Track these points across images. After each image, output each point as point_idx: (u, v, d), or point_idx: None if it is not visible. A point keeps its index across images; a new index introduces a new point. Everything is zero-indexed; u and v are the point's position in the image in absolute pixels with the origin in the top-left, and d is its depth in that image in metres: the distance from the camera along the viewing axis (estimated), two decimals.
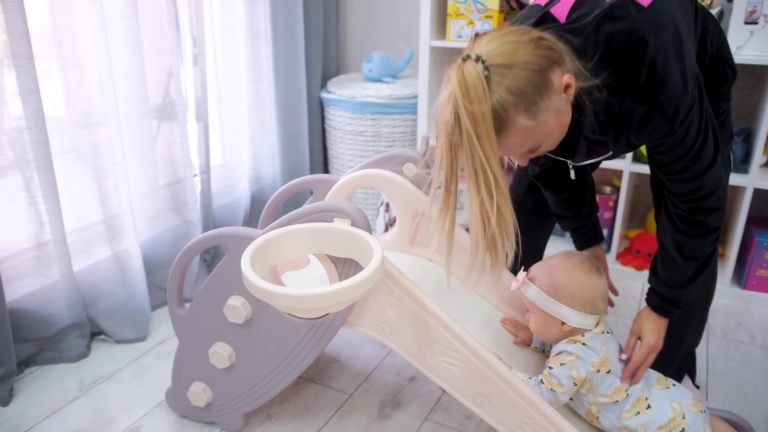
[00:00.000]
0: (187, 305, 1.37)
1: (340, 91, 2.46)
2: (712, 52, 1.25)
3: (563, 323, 1.24)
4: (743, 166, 1.98)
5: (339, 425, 1.46)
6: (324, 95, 2.54)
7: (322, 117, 2.61)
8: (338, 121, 2.49)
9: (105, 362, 1.67)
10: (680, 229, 1.18)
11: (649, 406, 1.21)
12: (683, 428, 1.18)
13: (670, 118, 1.02)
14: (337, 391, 1.59)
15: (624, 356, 1.24)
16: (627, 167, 2.06)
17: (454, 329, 1.17)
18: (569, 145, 1.10)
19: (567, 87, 0.97)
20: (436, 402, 1.55)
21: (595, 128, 1.06)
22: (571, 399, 1.26)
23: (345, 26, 2.77)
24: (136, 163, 1.82)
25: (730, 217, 2.20)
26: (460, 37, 2.22)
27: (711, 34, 1.23)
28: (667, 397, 1.23)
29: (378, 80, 2.51)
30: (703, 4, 1.79)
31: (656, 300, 1.26)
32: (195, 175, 2.06)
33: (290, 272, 1.45)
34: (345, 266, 1.19)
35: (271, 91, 2.34)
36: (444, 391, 1.27)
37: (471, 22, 2.18)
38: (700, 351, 1.78)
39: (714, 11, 1.92)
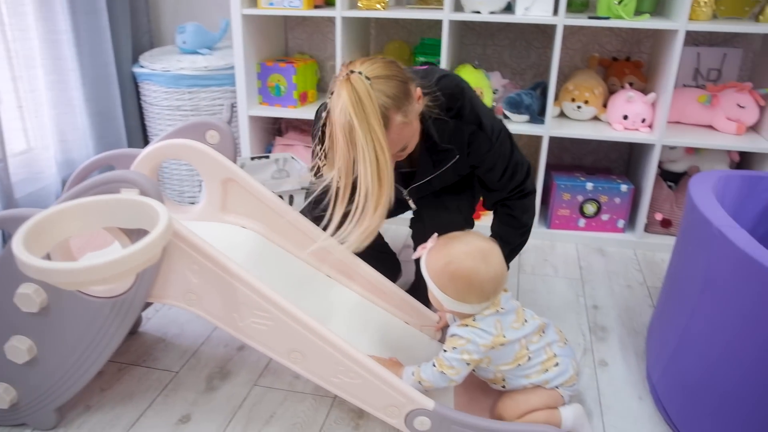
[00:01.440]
0: None
1: (153, 64, 2.35)
2: None
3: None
4: (540, 117, 2.16)
5: (165, 404, 1.43)
6: (136, 70, 2.41)
7: (137, 93, 2.49)
8: (154, 96, 2.38)
9: None
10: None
11: (557, 364, 1.29)
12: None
13: (489, 134, 1.44)
14: (163, 371, 1.54)
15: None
16: None
17: (259, 289, 1.17)
18: (422, 157, 1.45)
19: (419, 98, 1.30)
20: (264, 367, 1.55)
21: (442, 138, 1.41)
22: (474, 371, 1.31)
23: None
24: None
25: (532, 164, 2.39)
26: (271, 4, 2.20)
27: None
28: (569, 354, 1.31)
29: (193, 52, 2.43)
30: None
31: None
32: None
33: (93, 253, 1.38)
34: (139, 238, 1.15)
35: (75, 68, 2.18)
36: None
37: None
38: (512, 286, 1.94)
39: None
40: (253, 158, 2.16)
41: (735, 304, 1.18)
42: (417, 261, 1.33)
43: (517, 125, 2.16)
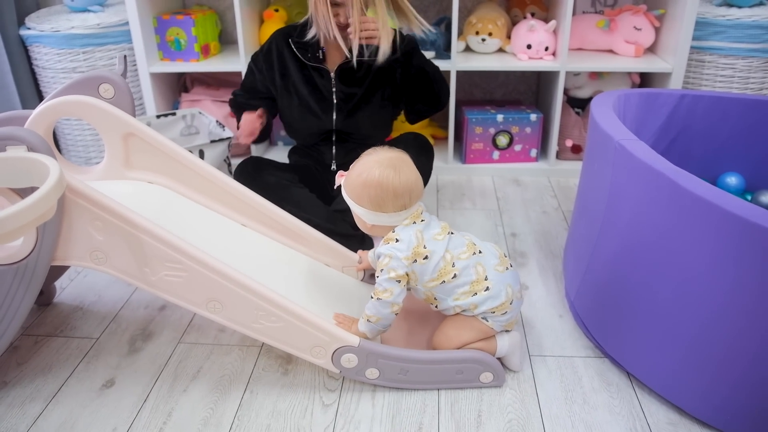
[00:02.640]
0: None
1: (41, 25, 2.19)
2: None
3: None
4: (446, 53, 2.16)
5: (87, 371, 1.38)
6: (24, 32, 2.24)
7: (28, 57, 2.32)
8: (46, 59, 2.23)
9: None
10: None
11: (488, 288, 1.25)
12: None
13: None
14: (82, 338, 1.49)
15: None
16: None
17: (168, 240, 1.14)
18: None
19: None
20: (188, 324, 1.53)
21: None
22: (409, 290, 1.29)
23: None
24: None
25: None
26: None
27: None
28: (505, 281, 1.27)
29: (84, 10, 2.28)
30: None
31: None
32: None
33: None
34: None
35: None
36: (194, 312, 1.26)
37: None
38: None
39: None
40: (159, 116, 2.08)
41: (638, 215, 1.23)
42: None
43: None
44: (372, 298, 1.24)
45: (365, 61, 1.75)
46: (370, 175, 1.21)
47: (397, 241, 1.23)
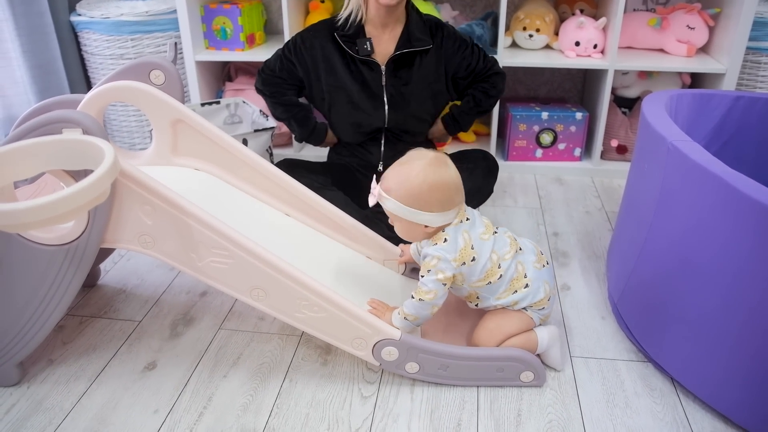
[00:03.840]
0: None
1: (91, 12, 2.24)
2: None
3: (426, 226, 1.22)
4: (492, 48, 2.13)
5: (129, 353, 1.41)
6: (74, 18, 2.29)
7: (77, 43, 2.37)
8: (95, 45, 2.27)
9: None
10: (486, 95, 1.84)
11: (527, 285, 1.26)
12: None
13: (454, 32, 1.80)
14: (125, 321, 1.52)
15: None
16: None
17: (216, 226, 1.15)
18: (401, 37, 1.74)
19: None
20: (229, 310, 1.54)
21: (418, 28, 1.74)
22: (451, 289, 1.28)
23: None
24: None
25: None
26: None
27: None
28: (542, 277, 1.28)
29: None
30: None
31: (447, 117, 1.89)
32: None
33: None
34: None
35: (7, 17, 2.06)
36: (236, 299, 1.27)
37: None
38: None
39: None
40: (203, 104, 2.10)
41: (690, 217, 1.20)
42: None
43: None
44: (412, 297, 1.23)
45: (416, 51, 1.73)
46: (432, 178, 1.17)
47: (445, 241, 1.21)
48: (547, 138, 2.25)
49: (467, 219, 1.25)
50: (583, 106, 2.33)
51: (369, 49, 1.72)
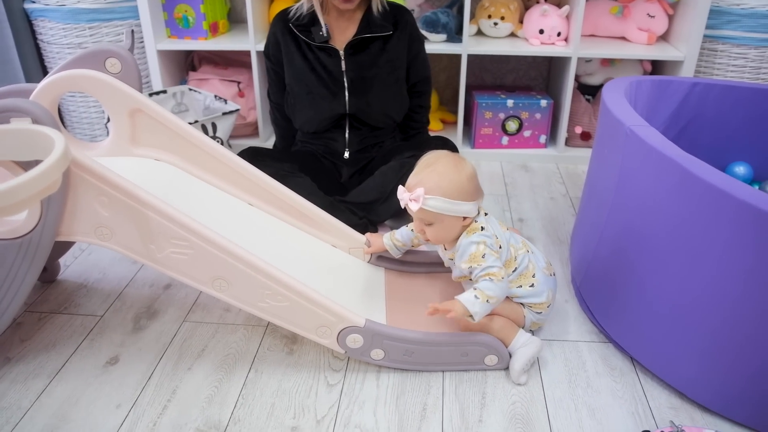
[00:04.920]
0: None
1: None
2: None
3: (464, 218, 1.25)
4: (457, 36, 2.14)
5: (91, 349, 1.38)
6: (28, 6, 2.22)
7: (32, 32, 2.30)
8: (51, 34, 2.21)
9: None
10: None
11: (533, 285, 1.30)
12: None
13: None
14: (86, 316, 1.49)
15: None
16: None
17: (174, 216, 1.13)
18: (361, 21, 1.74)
19: None
20: (193, 303, 1.52)
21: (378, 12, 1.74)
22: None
23: None
24: None
25: (452, 84, 2.40)
26: None
27: None
28: (549, 284, 1.32)
29: None
30: None
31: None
32: None
33: None
34: None
35: None
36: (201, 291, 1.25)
37: None
38: None
39: None
40: (150, 95, 2.06)
41: (647, 200, 1.22)
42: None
43: (435, 45, 2.13)
44: (492, 280, 1.21)
45: (376, 36, 1.72)
46: (467, 169, 1.24)
47: (482, 229, 1.25)
48: (512, 125, 2.27)
49: (486, 213, 1.30)
50: (548, 94, 2.35)
51: (326, 35, 1.71)
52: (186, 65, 2.45)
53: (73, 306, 1.52)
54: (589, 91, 2.32)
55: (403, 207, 1.24)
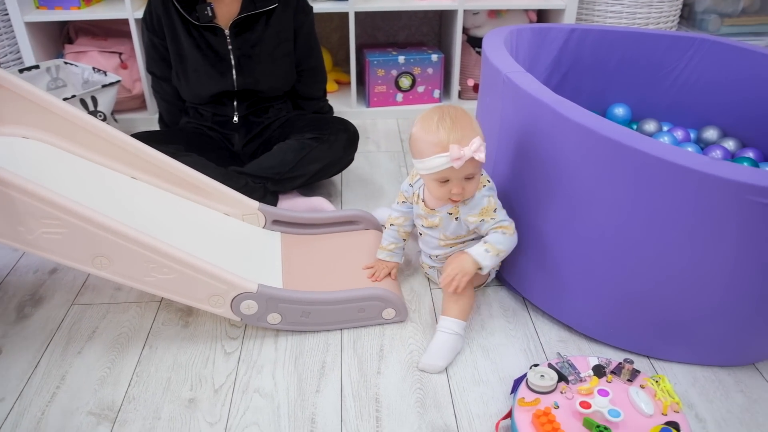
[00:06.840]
0: None
1: None
2: None
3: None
4: None
5: None
6: None
7: None
8: None
9: None
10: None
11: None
12: None
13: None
14: None
15: None
16: None
17: (42, 195, 1.07)
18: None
19: None
20: (82, 285, 1.46)
21: None
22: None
23: None
24: None
25: (345, 45, 2.38)
26: None
27: None
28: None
29: None
30: None
31: None
32: None
33: None
34: None
35: None
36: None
37: None
38: None
39: None
40: (21, 71, 1.94)
41: (524, 144, 1.25)
42: None
43: (323, 4, 2.10)
44: (504, 233, 1.23)
45: (261, 12, 1.67)
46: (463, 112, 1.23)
47: (489, 181, 1.28)
48: (405, 82, 2.28)
49: None
50: (440, 49, 2.36)
51: (210, 14, 1.64)
52: (62, 38, 2.30)
53: None
54: (478, 44, 2.35)
55: (457, 166, 1.16)
